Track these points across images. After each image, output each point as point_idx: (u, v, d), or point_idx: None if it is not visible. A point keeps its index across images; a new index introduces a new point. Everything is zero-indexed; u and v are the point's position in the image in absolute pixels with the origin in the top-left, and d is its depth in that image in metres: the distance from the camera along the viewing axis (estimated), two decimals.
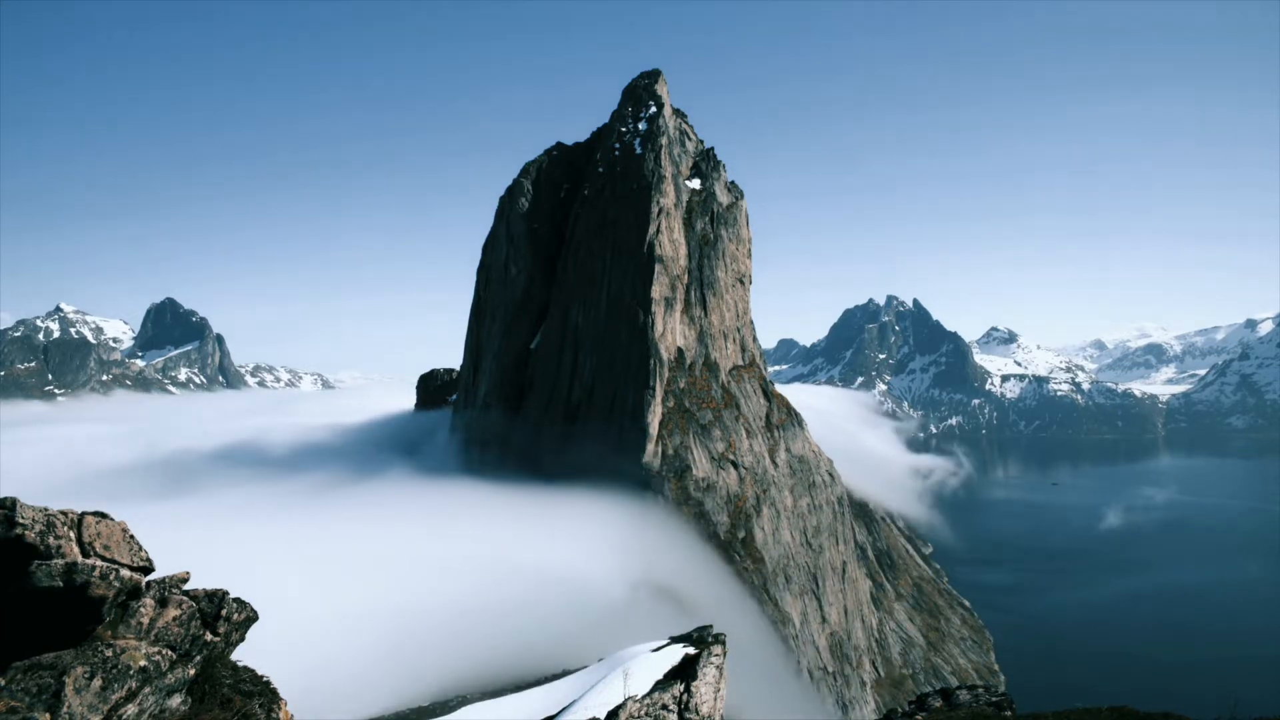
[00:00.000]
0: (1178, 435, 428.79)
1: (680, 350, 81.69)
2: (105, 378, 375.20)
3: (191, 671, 8.32)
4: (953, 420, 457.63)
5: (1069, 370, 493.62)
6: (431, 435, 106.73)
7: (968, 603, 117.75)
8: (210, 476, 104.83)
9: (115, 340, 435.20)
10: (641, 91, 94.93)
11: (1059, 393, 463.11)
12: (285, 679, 10.66)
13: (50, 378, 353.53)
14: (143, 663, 7.54)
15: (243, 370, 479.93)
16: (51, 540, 7.48)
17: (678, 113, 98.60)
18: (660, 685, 16.32)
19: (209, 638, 8.65)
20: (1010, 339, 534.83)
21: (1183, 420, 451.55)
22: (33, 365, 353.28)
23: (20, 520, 7.36)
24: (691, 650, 18.54)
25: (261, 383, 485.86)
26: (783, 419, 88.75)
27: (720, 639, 19.95)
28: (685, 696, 15.99)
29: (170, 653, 8.00)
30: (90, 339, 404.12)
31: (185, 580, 8.71)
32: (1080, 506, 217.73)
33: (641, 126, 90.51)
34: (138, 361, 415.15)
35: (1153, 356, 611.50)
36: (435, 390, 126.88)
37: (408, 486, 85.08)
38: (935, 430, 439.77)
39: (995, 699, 20.82)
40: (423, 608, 47.80)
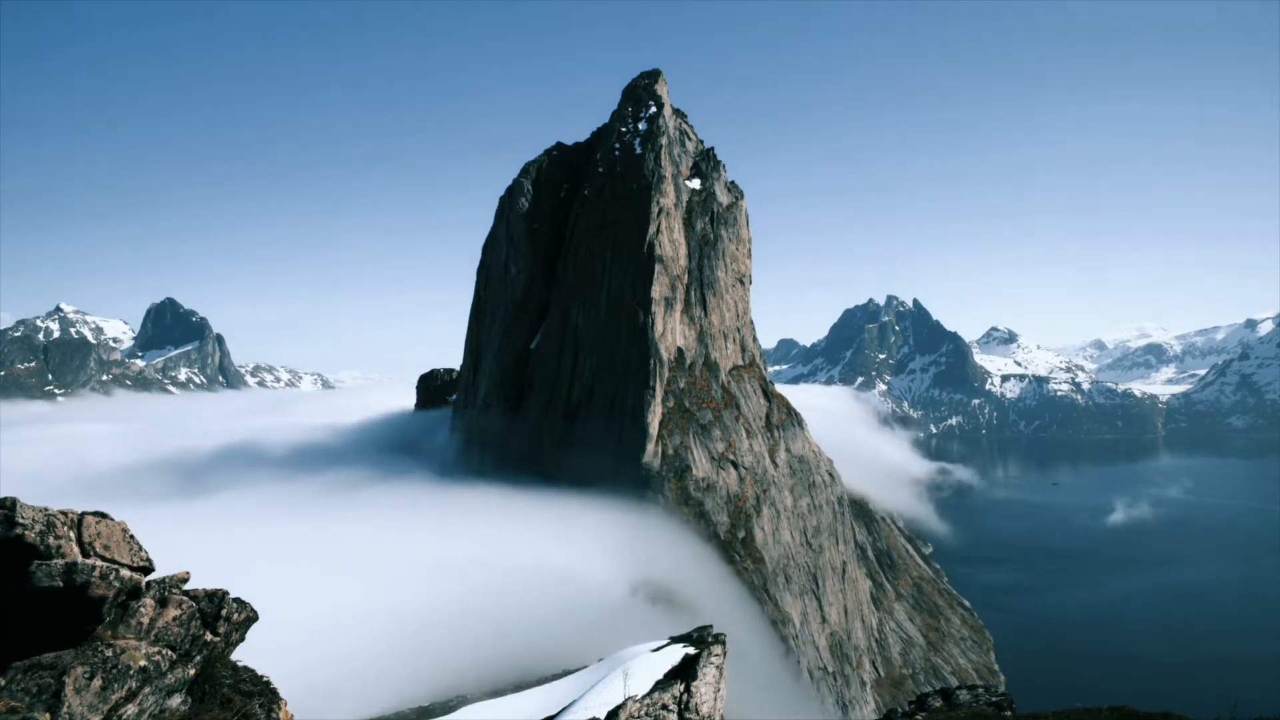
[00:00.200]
0: (1178, 435, 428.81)
1: (680, 350, 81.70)
2: (105, 378, 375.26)
3: (191, 671, 8.32)
4: (953, 420, 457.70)
5: (1069, 370, 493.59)
6: (431, 435, 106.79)
7: (968, 603, 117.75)
8: (210, 477, 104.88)
9: (115, 340, 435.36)
10: (641, 91, 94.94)
11: (1059, 393, 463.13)
12: (285, 679, 10.66)
13: (50, 378, 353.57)
14: (143, 663, 7.54)
15: (243, 370, 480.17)
16: (51, 540, 7.48)
17: (678, 113, 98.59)
18: (660, 685, 16.32)
19: (209, 638, 8.65)
20: (1010, 339, 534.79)
21: (1183, 420, 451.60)
22: (33, 365, 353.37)
23: (20, 520, 7.36)
24: (691, 650, 18.53)
25: (261, 383, 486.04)
26: (783, 419, 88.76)
27: (720, 639, 19.94)
28: (685, 696, 15.99)
29: (170, 653, 8.00)
30: (90, 339, 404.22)
31: (185, 580, 8.71)
32: (1080, 506, 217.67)
33: (641, 126, 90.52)
34: (138, 361, 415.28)
35: (1153, 356, 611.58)
36: (435, 390, 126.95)
37: (407, 486, 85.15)
38: (935, 430, 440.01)
39: (995, 699, 20.81)
40: (423, 608, 47.77)
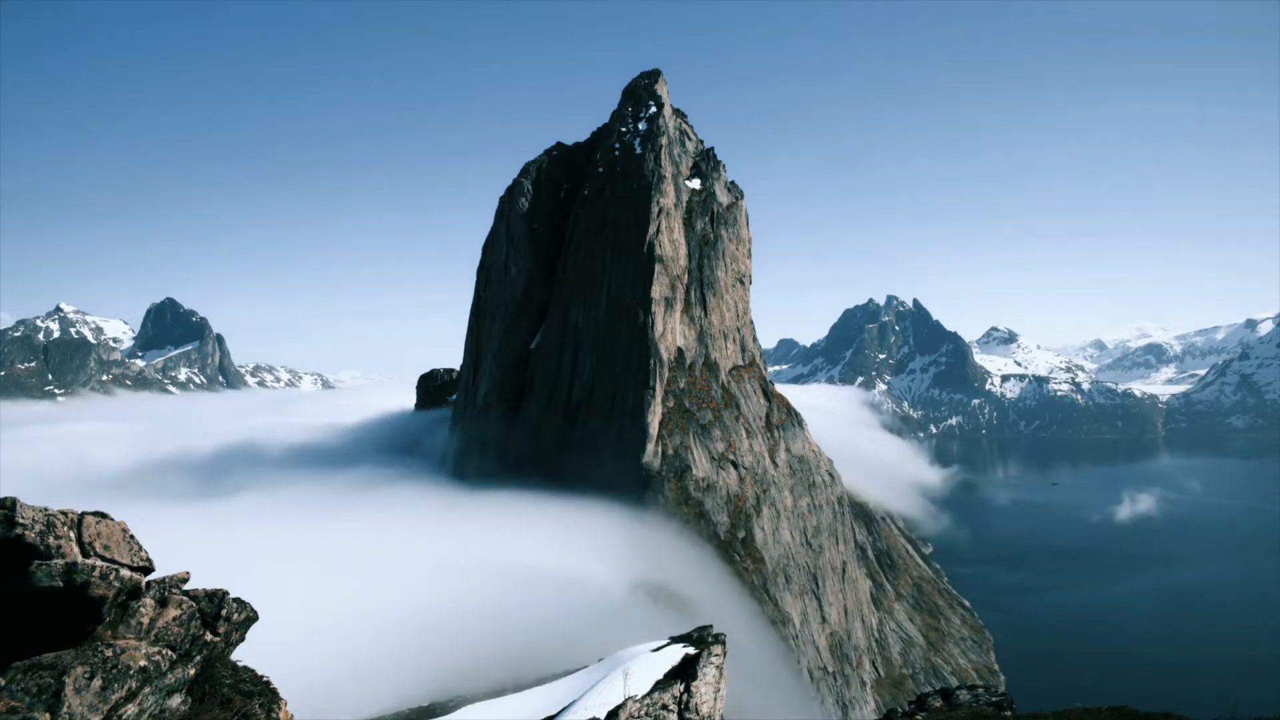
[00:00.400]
0: (1178, 435, 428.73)
1: (680, 350, 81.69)
2: (105, 378, 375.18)
3: (191, 671, 8.32)
4: (953, 420, 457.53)
5: (1069, 370, 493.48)
6: (431, 435, 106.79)
7: (968, 603, 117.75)
8: (210, 477, 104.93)
9: (115, 340, 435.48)
10: (641, 91, 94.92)
11: (1059, 393, 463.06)
12: (285, 679, 10.66)
13: (50, 378, 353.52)
14: (143, 663, 7.54)
15: (243, 370, 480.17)
16: (51, 540, 7.48)
17: (678, 113, 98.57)
18: (660, 685, 16.32)
19: (209, 638, 8.64)
20: (1010, 339, 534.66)
21: (1183, 420, 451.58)
22: (33, 365, 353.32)
23: (20, 520, 7.36)
24: (691, 650, 18.53)
25: (261, 383, 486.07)
26: (783, 419, 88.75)
27: (720, 639, 19.94)
28: (685, 696, 15.99)
29: (170, 653, 8.00)
30: (90, 339, 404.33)
31: (185, 580, 8.71)
32: (1080, 506, 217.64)
33: (641, 126, 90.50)
34: (138, 361, 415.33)
35: (1153, 356, 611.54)
36: (435, 390, 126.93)
37: (408, 486, 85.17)
38: (935, 430, 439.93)
39: (995, 699, 20.82)
40: (423, 608, 47.75)
